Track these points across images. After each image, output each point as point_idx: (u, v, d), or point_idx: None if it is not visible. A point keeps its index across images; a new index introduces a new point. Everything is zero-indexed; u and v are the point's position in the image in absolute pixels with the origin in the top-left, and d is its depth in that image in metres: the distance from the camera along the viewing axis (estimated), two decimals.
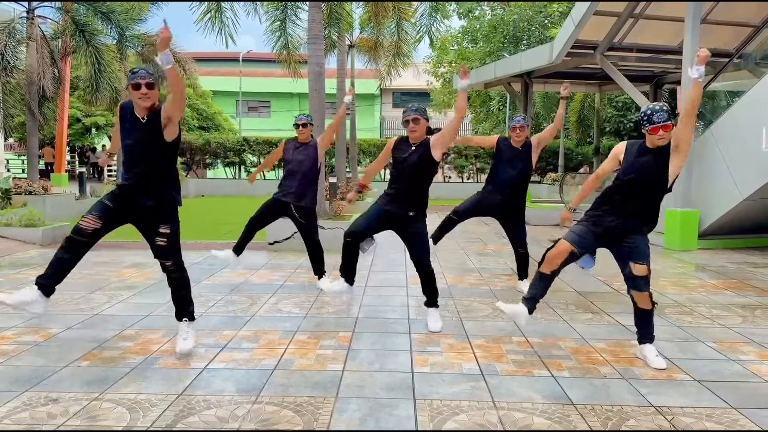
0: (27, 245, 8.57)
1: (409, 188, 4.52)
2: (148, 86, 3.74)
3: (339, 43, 16.64)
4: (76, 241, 3.85)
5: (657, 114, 3.69)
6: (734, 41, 12.14)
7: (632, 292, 3.89)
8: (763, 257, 8.34)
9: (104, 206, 3.89)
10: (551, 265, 3.93)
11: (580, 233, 3.92)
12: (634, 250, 3.83)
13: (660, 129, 3.69)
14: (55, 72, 17.14)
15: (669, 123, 3.69)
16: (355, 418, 3.05)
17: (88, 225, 3.82)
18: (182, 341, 3.99)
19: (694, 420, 3.07)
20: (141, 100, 3.74)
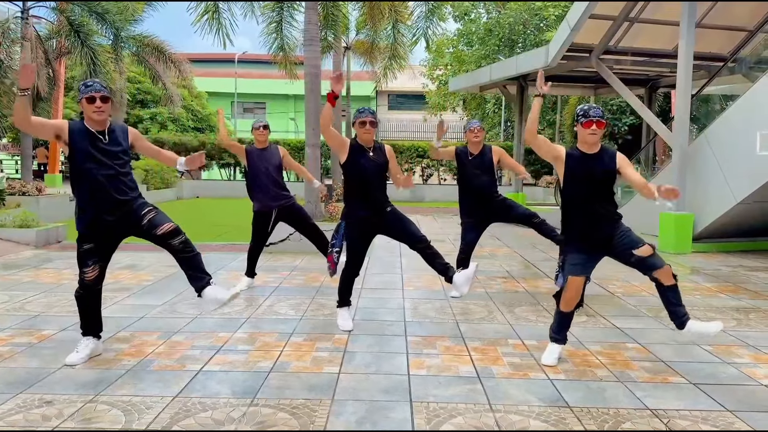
0: (21, 246, 8.53)
1: (380, 190, 4.62)
2: (102, 100, 3.69)
3: (335, 44, 16.65)
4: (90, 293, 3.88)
5: (594, 109, 3.79)
6: (728, 45, 12.20)
7: (654, 274, 3.78)
8: (757, 260, 8.38)
9: (90, 251, 3.79)
10: (574, 302, 3.93)
11: (576, 262, 3.89)
12: (628, 242, 3.82)
13: (594, 123, 3.75)
14: (50, 72, 17.09)
15: (603, 121, 3.78)
16: (352, 421, 3.04)
17: (90, 277, 3.81)
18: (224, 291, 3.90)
19: (690, 423, 3.08)
20: (96, 114, 3.69)
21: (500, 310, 5.36)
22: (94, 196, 3.73)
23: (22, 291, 5.82)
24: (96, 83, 3.75)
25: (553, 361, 3.92)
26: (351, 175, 4.58)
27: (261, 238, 6.09)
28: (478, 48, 25.77)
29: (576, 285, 3.86)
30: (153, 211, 3.85)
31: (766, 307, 5.66)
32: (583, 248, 3.89)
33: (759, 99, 8.36)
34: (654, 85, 14.80)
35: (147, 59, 18.34)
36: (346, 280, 4.78)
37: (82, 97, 3.71)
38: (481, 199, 5.68)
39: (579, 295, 3.92)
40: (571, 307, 3.93)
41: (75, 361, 3.80)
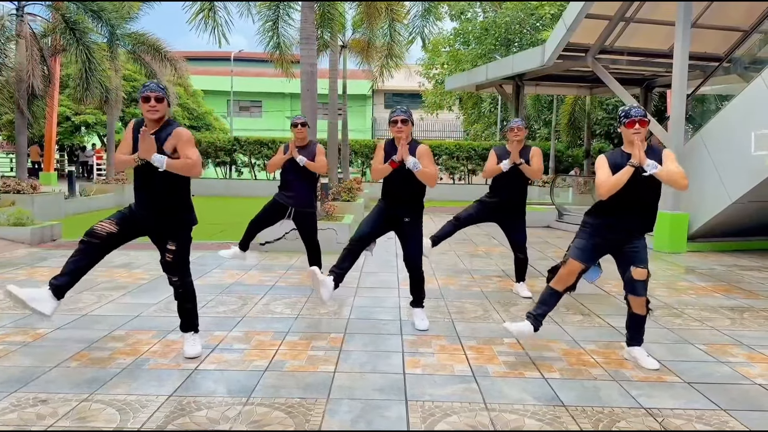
0: (15, 244, 8.49)
1: (404, 192, 4.61)
2: (157, 100, 3.76)
3: (331, 43, 16.61)
4: (89, 243, 3.82)
5: (635, 109, 3.81)
6: (724, 45, 12.24)
7: (629, 297, 3.90)
8: (751, 260, 8.41)
9: (122, 215, 3.92)
10: (564, 283, 3.95)
11: (584, 248, 3.92)
12: (636, 255, 3.86)
13: (636, 123, 3.75)
14: (45, 70, 17.02)
15: (646, 119, 3.78)
16: (347, 420, 3.04)
17: (103, 228, 3.82)
18: (191, 346, 4.00)
19: (684, 422, 3.09)
20: (149, 113, 3.76)
21: (496, 309, 5.37)
22: (137, 188, 3.89)
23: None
24: (153, 83, 3.83)
25: (521, 335, 3.97)
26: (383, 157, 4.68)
27: (260, 224, 6.04)
28: (475, 47, 25.78)
29: (573, 268, 3.90)
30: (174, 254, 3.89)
31: (761, 306, 5.69)
32: (595, 238, 3.91)
33: (754, 99, 8.39)
34: (649, 85, 14.85)
35: (143, 57, 18.29)
36: (348, 249, 4.67)
37: (139, 97, 3.80)
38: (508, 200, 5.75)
39: (572, 278, 3.94)
40: (561, 288, 3.95)
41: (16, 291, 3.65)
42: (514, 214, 5.80)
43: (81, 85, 16.07)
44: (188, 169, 3.75)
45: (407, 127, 4.51)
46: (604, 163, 3.86)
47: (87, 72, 15.76)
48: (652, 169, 3.71)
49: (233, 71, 35.65)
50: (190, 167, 3.76)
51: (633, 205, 3.84)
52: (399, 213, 4.62)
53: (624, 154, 3.87)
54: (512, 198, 5.76)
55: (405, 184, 4.55)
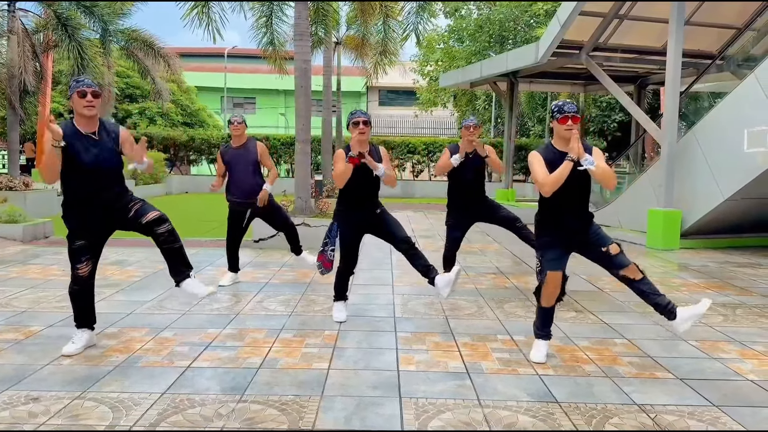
0: (7, 242, 8.45)
1: (373, 191, 4.72)
2: (94, 95, 3.73)
3: (325, 40, 16.57)
4: (80, 289, 3.91)
5: (567, 105, 3.82)
6: (717, 43, 12.28)
7: (622, 272, 3.83)
8: (743, 257, 8.45)
9: (82, 248, 3.84)
10: (553, 298, 3.94)
11: (553, 257, 3.90)
12: (598, 239, 3.88)
13: (569, 119, 3.77)
14: (37, 66, 16.88)
15: (578, 115, 3.80)
16: (341, 417, 3.04)
17: (85, 272, 3.86)
18: (198, 286, 4.04)
19: (677, 418, 3.11)
20: (86, 110, 3.73)
21: (489, 306, 5.38)
22: (82, 192, 3.79)
23: (8, 287, 5.77)
24: (86, 79, 3.80)
25: (542, 357, 3.93)
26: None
27: (236, 239, 6.12)
28: (469, 44, 25.78)
29: (555, 279, 3.88)
30: (139, 202, 3.93)
31: (753, 303, 5.72)
32: (557, 242, 3.92)
33: (747, 96, 8.42)
34: (643, 83, 14.88)
35: (136, 53, 18.17)
36: (341, 276, 4.86)
37: (73, 92, 3.72)
38: (470, 198, 5.72)
39: (558, 289, 3.93)
40: (552, 302, 3.95)
41: (72, 351, 3.87)
42: (485, 205, 5.77)
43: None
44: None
45: (368, 128, 4.62)
46: (540, 160, 3.84)
47: (79, 68, 15.64)
48: (589, 165, 3.71)
49: (227, 68, 35.54)
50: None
51: (571, 199, 3.85)
52: (369, 208, 4.70)
53: (554, 149, 3.86)
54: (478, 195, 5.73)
55: (368, 181, 4.64)
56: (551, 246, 3.92)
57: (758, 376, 3.75)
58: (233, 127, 5.90)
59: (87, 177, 3.76)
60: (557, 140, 3.88)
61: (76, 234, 3.84)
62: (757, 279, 6.89)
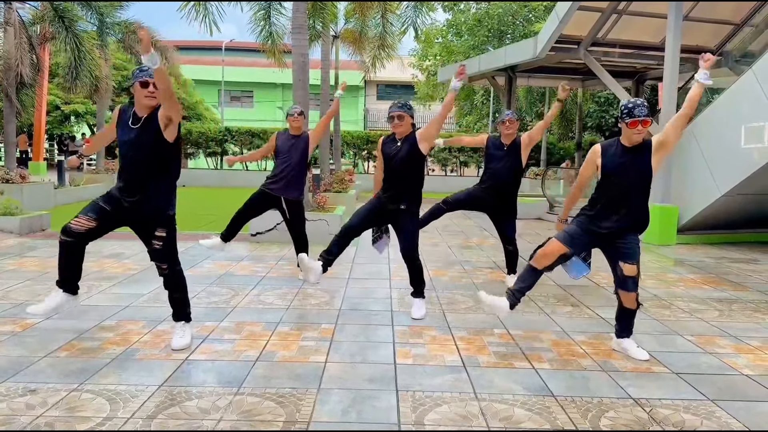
0: (4, 234, 8.43)
1: (401, 183, 4.67)
2: (156, 85, 3.63)
3: (323, 33, 16.52)
4: (66, 244, 3.77)
5: (638, 108, 3.74)
6: (715, 39, 12.28)
7: (619, 292, 3.90)
8: (740, 253, 8.48)
9: (98, 207, 3.80)
10: (541, 263, 3.94)
11: (573, 234, 3.92)
12: (626, 251, 3.84)
13: (639, 123, 3.73)
14: (34, 58, 16.79)
15: (648, 119, 3.74)
16: (338, 410, 3.05)
17: (80, 226, 3.74)
18: (179, 338, 3.96)
19: (672, 412, 3.12)
20: (148, 99, 3.67)
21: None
22: (122, 171, 3.81)
23: (5, 279, 5.76)
24: (150, 68, 3.66)
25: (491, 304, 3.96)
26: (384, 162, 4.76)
27: (247, 215, 6.00)
28: (467, 39, 25.73)
29: (554, 248, 3.89)
30: (162, 241, 3.83)
31: (748, 298, 5.74)
32: (589, 230, 3.90)
33: (744, 92, 8.43)
34: (641, 78, 14.89)
35: (132, 46, 18.11)
36: (338, 235, 4.77)
37: (135, 81, 3.67)
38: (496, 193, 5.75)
39: (551, 260, 3.92)
40: (539, 266, 3.94)
41: (37, 311, 3.82)
42: (504, 204, 5.78)
43: (70, 74, 15.91)
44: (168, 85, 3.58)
45: (402, 122, 4.62)
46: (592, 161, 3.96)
47: (76, 61, 15.60)
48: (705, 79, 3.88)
49: (224, 61, 35.41)
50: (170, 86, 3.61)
51: (622, 200, 3.84)
52: (395, 202, 4.66)
53: (620, 145, 3.86)
54: (506, 185, 5.72)
55: (402, 174, 4.63)
56: (581, 228, 3.92)
57: (753, 370, 3.77)
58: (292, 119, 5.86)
59: (126, 160, 3.79)
60: (624, 140, 3.85)
61: (104, 197, 3.85)
62: (752, 274, 6.91)
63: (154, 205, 3.81)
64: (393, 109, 4.65)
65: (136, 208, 3.79)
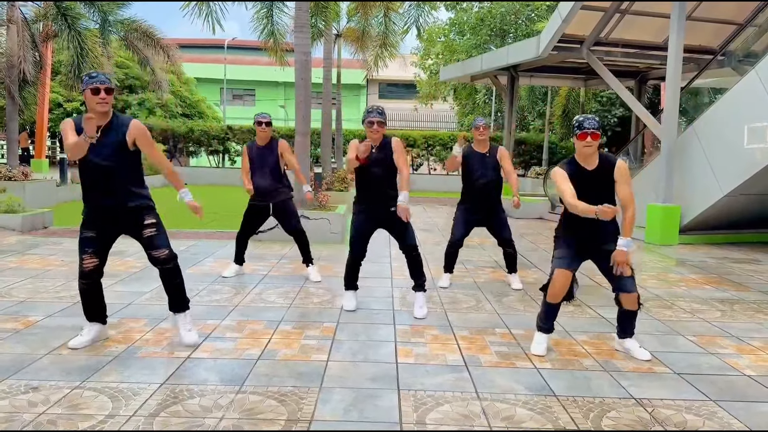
0: (6, 232, 8.44)
1: (384, 188, 4.70)
2: (107, 91, 3.70)
3: (326, 32, 16.53)
4: (90, 284, 3.90)
5: (588, 121, 3.77)
6: (718, 39, 12.25)
7: (620, 295, 3.89)
8: (741, 253, 8.47)
9: (89, 240, 3.84)
10: (559, 296, 3.94)
11: (566, 256, 3.92)
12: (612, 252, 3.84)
13: (588, 136, 3.73)
14: (36, 56, 16.83)
15: (597, 132, 3.74)
16: (339, 409, 3.05)
17: (89, 265, 3.85)
18: (187, 333, 3.99)
19: (674, 412, 3.12)
20: (99, 106, 3.69)
21: (488, 300, 5.39)
22: (91, 188, 3.80)
23: (7, 277, 5.77)
24: (101, 74, 3.77)
25: (542, 350, 3.95)
26: (357, 170, 4.73)
27: (247, 234, 6.17)
28: (470, 38, 25.70)
29: (561, 278, 3.88)
30: (154, 228, 3.87)
31: (750, 298, 5.74)
32: (572, 243, 3.92)
33: (747, 92, 8.41)
34: (644, 78, 14.85)
35: (135, 44, 18.11)
36: (349, 267, 4.91)
37: (86, 88, 3.69)
38: (480, 200, 5.73)
39: (565, 289, 3.93)
40: (557, 300, 3.96)
41: (77, 344, 3.87)
42: (494, 211, 5.78)
43: (73, 72, 15.92)
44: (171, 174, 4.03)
45: (382, 128, 4.65)
46: (565, 176, 3.81)
47: (79, 58, 15.59)
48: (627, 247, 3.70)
49: (227, 59, 35.42)
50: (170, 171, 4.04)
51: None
52: (384, 207, 4.69)
53: (575, 163, 3.84)
54: (491, 189, 5.72)
55: (379, 179, 4.66)
56: (565, 245, 3.93)
57: (755, 371, 3.77)
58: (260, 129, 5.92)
59: (89, 173, 3.76)
60: (578, 156, 3.85)
61: (85, 224, 3.87)
62: (754, 275, 6.91)
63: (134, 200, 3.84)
64: (374, 114, 4.61)
65: (121, 210, 3.82)
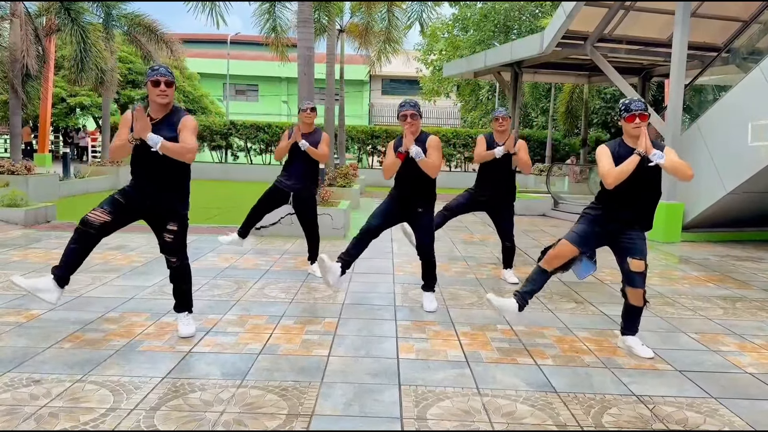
0: (9, 226, 8.46)
1: (415, 183, 4.68)
2: (167, 84, 3.73)
3: (329, 27, 16.50)
4: (83, 232, 3.83)
5: (635, 103, 3.75)
6: (723, 36, 12.21)
7: (627, 289, 3.89)
8: (744, 251, 8.45)
9: (115, 201, 3.88)
10: (551, 264, 3.94)
11: (582, 233, 3.91)
12: (633, 247, 3.84)
13: (636, 117, 3.72)
14: (40, 50, 16.81)
15: (646, 113, 3.74)
16: (340, 403, 3.06)
17: (96, 218, 3.81)
18: (185, 326, 4.04)
19: (675, 409, 3.12)
20: (159, 98, 3.73)
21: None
22: (134, 172, 3.88)
23: (10, 270, 5.78)
24: (162, 67, 3.78)
25: (500, 305, 3.98)
26: None
27: (261, 210, 6.03)
28: (473, 34, 25.67)
29: (566, 250, 3.88)
30: (174, 234, 3.91)
31: (753, 296, 5.72)
32: (596, 230, 3.89)
33: (752, 90, 8.38)
34: (648, 74, 14.82)
35: (138, 39, 18.10)
36: (359, 236, 4.80)
37: (147, 80, 3.75)
38: (493, 189, 5.77)
39: (560, 261, 3.93)
40: (549, 267, 3.95)
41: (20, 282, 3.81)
42: (502, 204, 5.85)
43: (76, 66, 15.92)
44: (182, 153, 3.70)
45: (417, 121, 4.61)
46: (606, 153, 3.82)
47: (82, 53, 15.59)
48: (659, 159, 3.68)
49: (229, 54, 35.40)
50: (185, 152, 3.71)
51: (633, 196, 3.81)
52: (412, 203, 4.71)
53: (624, 144, 3.84)
54: (500, 190, 5.79)
55: (416, 176, 4.61)
56: (588, 225, 3.91)
57: (757, 369, 3.76)
58: (305, 114, 5.82)
59: (138, 160, 3.82)
60: (627, 138, 3.84)
61: (121, 191, 3.93)
62: (757, 273, 6.89)
63: (168, 202, 3.88)
64: (406, 107, 4.60)
65: (152, 203, 3.87)
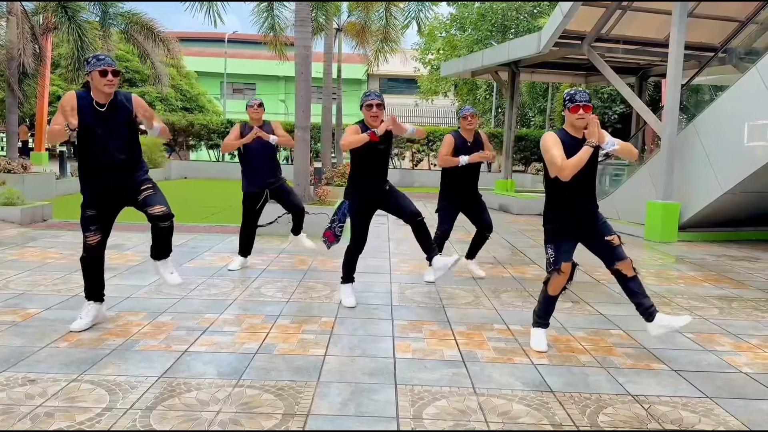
0: (6, 224, 8.44)
1: (382, 169, 4.87)
2: (114, 74, 3.83)
3: (326, 26, 16.50)
4: (92, 258, 4.04)
5: (579, 94, 3.76)
6: (720, 36, 12.22)
7: (617, 265, 3.85)
8: (741, 250, 8.47)
9: (92, 217, 3.98)
10: (560, 287, 3.95)
11: (562, 249, 3.89)
12: (602, 228, 3.90)
13: (581, 108, 3.73)
14: (36, 48, 16.79)
15: (590, 105, 3.76)
16: (336, 403, 3.06)
17: (93, 241, 4.00)
18: (170, 275, 4.19)
19: (670, 409, 3.12)
20: (107, 87, 3.83)
21: (486, 296, 5.40)
22: (92, 165, 3.95)
23: (5, 269, 5.77)
24: (107, 57, 3.89)
25: (544, 346, 3.96)
26: (355, 156, 4.80)
27: (252, 224, 6.15)
28: (471, 33, 25.67)
29: (568, 270, 3.90)
30: (150, 188, 4.03)
31: (749, 296, 5.74)
32: (568, 231, 3.90)
33: (748, 90, 8.39)
34: (645, 74, 14.82)
35: (135, 37, 18.07)
36: (351, 255, 4.94)
37: (94, 70, 3.80)
38: (465, 186, 5.79)
39: (564, 280, 3.94)
40: (558, 291, 3.96)
41: (79, 327, 4.00)
42: (474, 200, 5.87)
43: (73, 65, 15.89)
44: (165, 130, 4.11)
45: (381, 111, 4.75)
46: (557, 142, 3.74)
47: (79, 51, 15.55)
48: (612, 147, 3.74)
49: (227, 53, 35.36)
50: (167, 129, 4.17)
51: (582, 185, 3.84)
52: (382, 184, 4.82)
53: (567, 134, 3.81)
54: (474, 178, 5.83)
55: (378, 160, 4.80)
56: (564, 237, 3.90)
57: (752, 368, 3.77)
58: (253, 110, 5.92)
59: (96, 149, 3.89)
60: (569, 127, 3.84)
61: (87, 203, 3.99)
62: (753, 272, 6.91)
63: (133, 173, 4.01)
64: (372, 97, 4.74)
65: (120, 180, 3.95)
